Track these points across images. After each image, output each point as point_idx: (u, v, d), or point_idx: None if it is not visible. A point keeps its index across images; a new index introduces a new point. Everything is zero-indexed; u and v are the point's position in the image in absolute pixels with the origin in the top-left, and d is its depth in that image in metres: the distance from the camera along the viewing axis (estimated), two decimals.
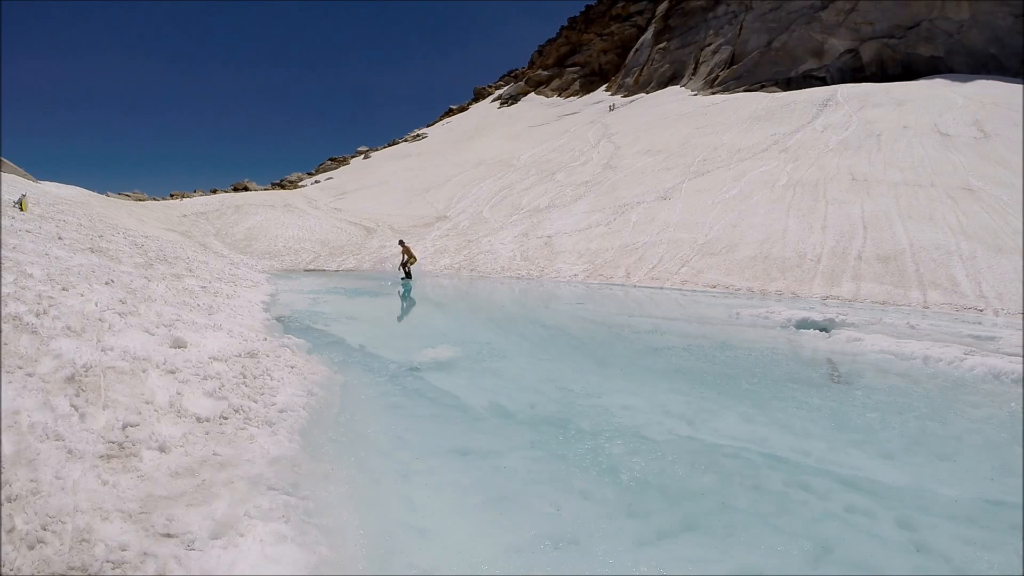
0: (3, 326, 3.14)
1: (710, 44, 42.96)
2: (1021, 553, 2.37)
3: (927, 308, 9.93)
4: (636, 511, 2.67)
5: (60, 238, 8.06)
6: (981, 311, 9.57)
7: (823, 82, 34.31)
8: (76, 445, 2.33)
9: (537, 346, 6.63)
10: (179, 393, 3.13)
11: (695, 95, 40.04)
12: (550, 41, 65.65)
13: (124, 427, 2.60)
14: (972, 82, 27.99)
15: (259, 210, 26.87)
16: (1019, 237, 12.04)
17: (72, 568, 1.72)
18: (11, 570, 1.66)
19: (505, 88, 65.52)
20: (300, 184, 44.45)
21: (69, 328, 3.46)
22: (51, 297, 4.00)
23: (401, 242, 15.48)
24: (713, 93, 38.90)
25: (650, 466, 3.14)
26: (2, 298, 3.59)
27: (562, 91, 57.60)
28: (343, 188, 35.54)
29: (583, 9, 62.85)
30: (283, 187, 44.51)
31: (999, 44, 30.94)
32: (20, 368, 2.77)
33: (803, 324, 7.60)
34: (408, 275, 15.03)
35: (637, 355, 6.20)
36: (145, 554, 1.85)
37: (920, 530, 2.58)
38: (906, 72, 32.34)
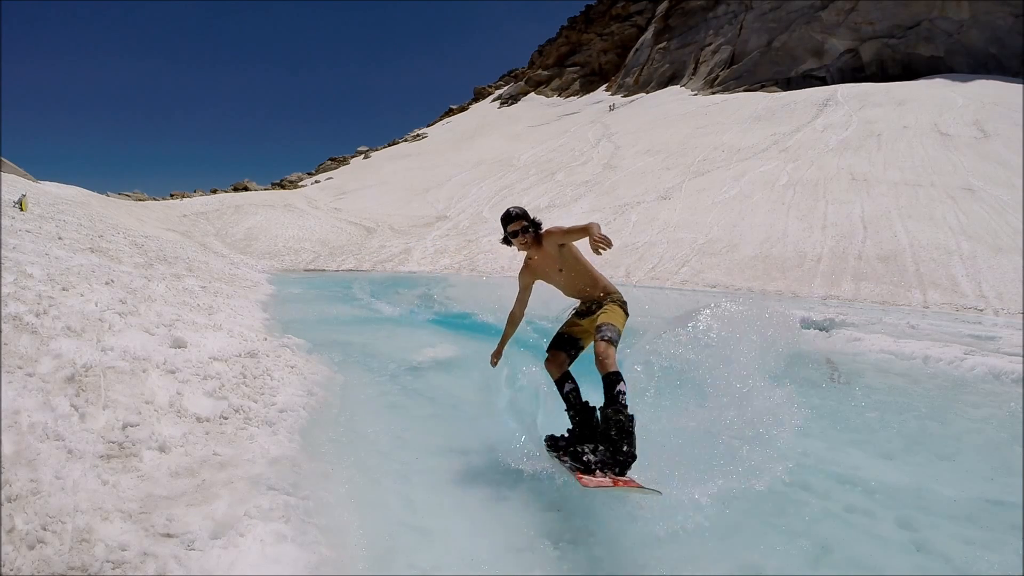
0: (3, 326, 3.14)
1: (710, 44, 42.97)
2: (1021, 553, 2.37)
3: (927, 308, 9.93)
4: (636, 510, 2.67)
5: (60, 238, 8.06)
6: (981, 311, 9.56)
7: (823, 82, 34.32)
8: (76, 445, 2.33)
9: (536, 345, 6.63)
10: (179, 393, 3.13)
11: (695, 95, 40.04)
12: (550, 41, 65.66)
13: (124, 427, 2.59)
14: (972, 82, 27.99)
15: (259, 210, 26.86)
16: (1019, 237, 12.04)
17: (72, 568, 1.72)
18: (11, 570, 1.66)
19: (505, 88, 65.54)
20: (300, 184, 44.45)
21: (69, 328, 3.46)
22: (51, 297, 4.00)
23: (527, 229, 3.15)
24: (713, 93, 38.90)
25: (647, 465, 3.14)
26: (2, 298, 3.59)
27: (562, 91, 57.60)
28: (343, 188, 35.55)
29: (583, 9, 62.87)
30: (283, 187, 44.50)
31: (999, 44, 30.95)
32: (20, 368, 2.77)
33: (803, 324, 7.60)
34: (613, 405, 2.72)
35: (632, 354, 6.20)
36: (145, 554, 1.85)
37: (920, 530, 2.58)
38: (906, 72, 32.35)
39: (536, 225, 3.20)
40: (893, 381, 5.17)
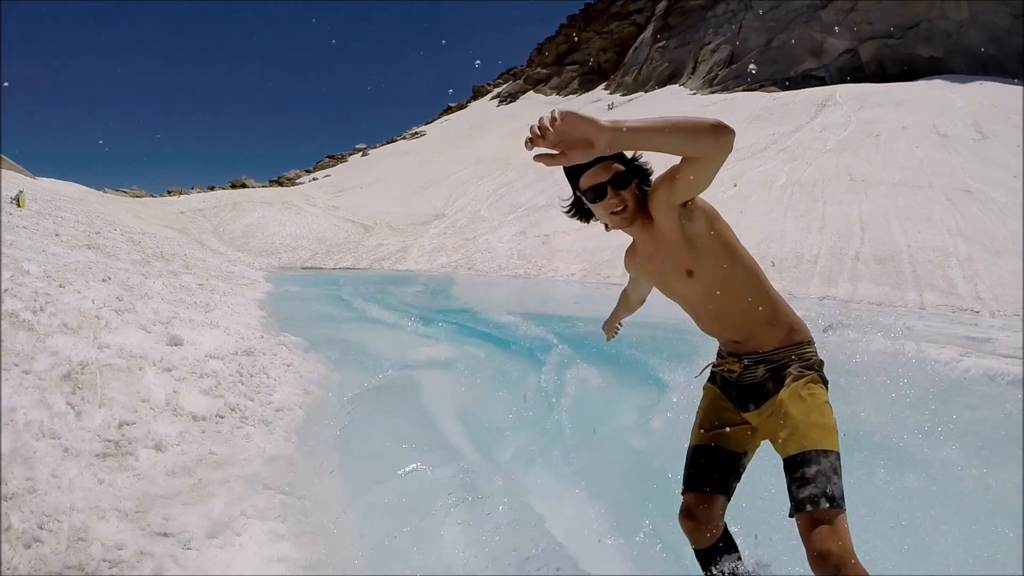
0: (0, 323, 3.13)
1: (709, 43, 42.96)
2: (1021, 553, 2.38)
3: (923, 309, 9.96)
4: (637, 508, 2.67)
5: (57, 235, 8.03)
6: (977, 312, 9.60)
7: (822, 82, 34.33)
8: (72, 443, 2.32)
9: (540, 347, 6.63)
10: (175, 391, 3.12)
11: (694, 94, 40.05)
12: (549, 39, 65.58)
13: (120, 425, 2.59)
14: (971, 83, 28.04)
15: (257, 207, 26.79)
16: (1017, 239, 12.08)
17: (69, 567, 1.72)
18: (8, 569, 1.66)
19: (504, 86, 65.47)
20: (298, 181, 44.37)
21: (66, 325, 3.45)
22: (48, 294, 3.99)
23: (624, 178, 1.49)
24: (712, 92, 38.92)
25: (652, 466, 3.14)
26: None
27: (561, 89, 57.55)
28: (341, 185, 35.48)
29: (582, 7, 62.77)
30: (281, 184, 44.40)
31: (999, 44, 30.99)
32: (16, 365, 2.76)
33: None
34: None
35: (632, 355, 6.20)
36: (142, 553, 1.84)
37: (920, 530, 2.58)
38: (905, 72, 32.36)
39: (642, 172, 1.55)
40: None
